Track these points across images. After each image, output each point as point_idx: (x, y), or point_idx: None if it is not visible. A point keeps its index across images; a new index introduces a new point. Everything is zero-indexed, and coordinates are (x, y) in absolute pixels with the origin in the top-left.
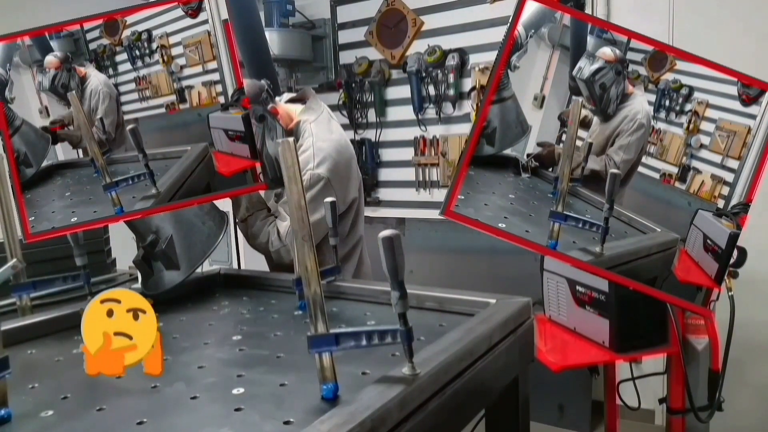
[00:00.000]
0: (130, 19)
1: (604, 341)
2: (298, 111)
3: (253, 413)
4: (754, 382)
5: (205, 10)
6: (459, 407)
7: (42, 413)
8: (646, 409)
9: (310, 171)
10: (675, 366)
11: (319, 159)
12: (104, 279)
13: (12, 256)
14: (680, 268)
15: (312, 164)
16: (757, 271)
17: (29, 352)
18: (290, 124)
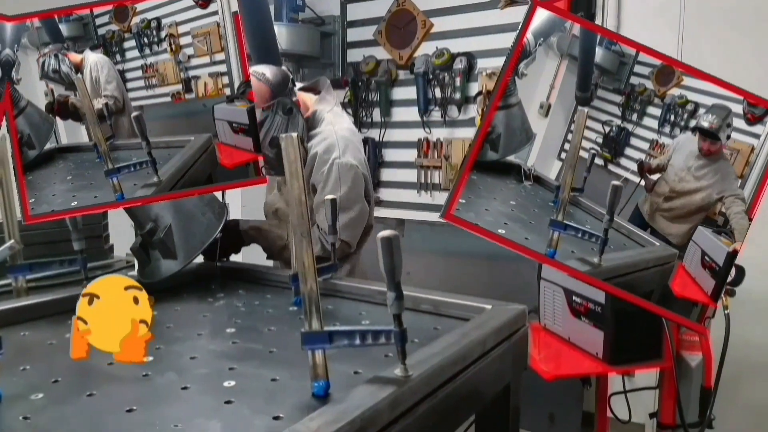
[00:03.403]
0: (140, 6)
1: (598, 353)
2: (313, 100)
3: (243, 407)
4: (747, 401)
5: (215, 1)
6: (450, 411)
7: (32, 396)
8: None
9: (337, 161)
10: (667, 381)
11: (343, 147)
12: (101, 264)
13: (10, 237)
14: (677, 284)
15: (337, 152)
16: (754, 290)
17: (22, 334)
18: (306, 113)
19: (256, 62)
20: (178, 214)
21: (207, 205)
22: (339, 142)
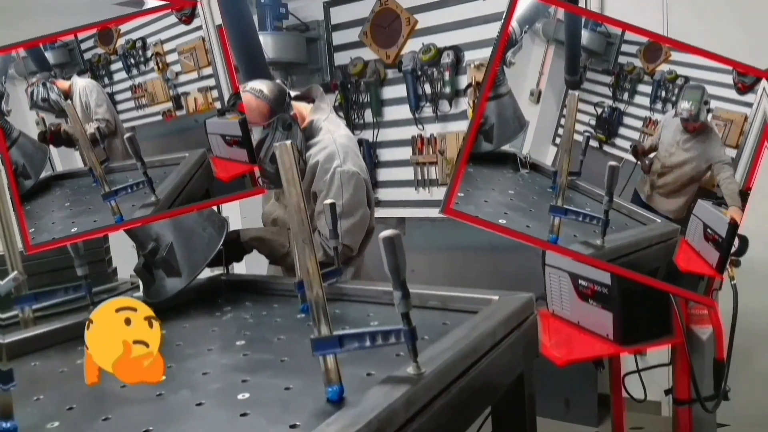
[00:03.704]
0: (124, 27)
1: (608, 334)
2: (308, 110)
3: (259, 418)
4: (760, 370)
5: (198, 16)
6: (465, 405)
7: (48, 425)
8: (653, 400)
9: (339, 169)
10: (680, 356)
11: (343, 155)
12: (106, 288)
13: (13, 269)
14: (681, 258)
15: (338, 161)
16: (759, 259)
17: (33, 364)
18: (303, 123)
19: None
20: (179, 231)
21: (207, 220)
22: (339, 151)
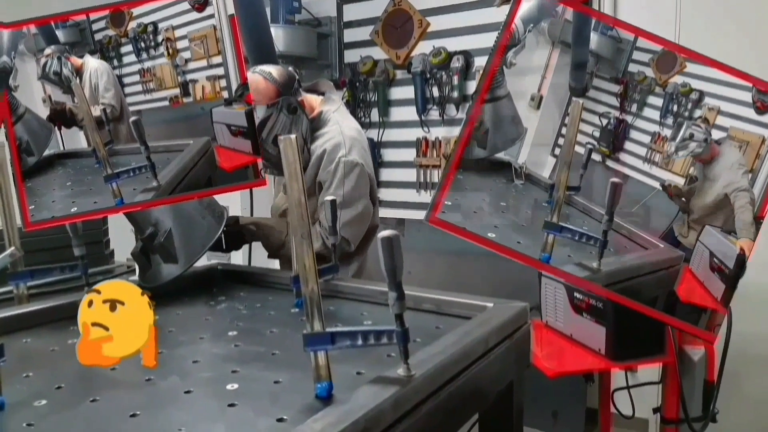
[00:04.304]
0: (136, 10)
1: (600, 349)
2: (318, 101)
3: (247, 409)
4: (750, 394)
5: (211, 5)
6: (453, 410)
7: (35, 402)
8: (640, 418)
9: (343, 159)
10: (670, 376)
11: (349, 145)
12: (102, 270)
13: (10, 244)
14: (684, 288)
15: (343, 151)
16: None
17: (24, 341)
18: (312, 114)
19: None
20: (179, 218)
21: (207, 209)
22: (345, 141)
